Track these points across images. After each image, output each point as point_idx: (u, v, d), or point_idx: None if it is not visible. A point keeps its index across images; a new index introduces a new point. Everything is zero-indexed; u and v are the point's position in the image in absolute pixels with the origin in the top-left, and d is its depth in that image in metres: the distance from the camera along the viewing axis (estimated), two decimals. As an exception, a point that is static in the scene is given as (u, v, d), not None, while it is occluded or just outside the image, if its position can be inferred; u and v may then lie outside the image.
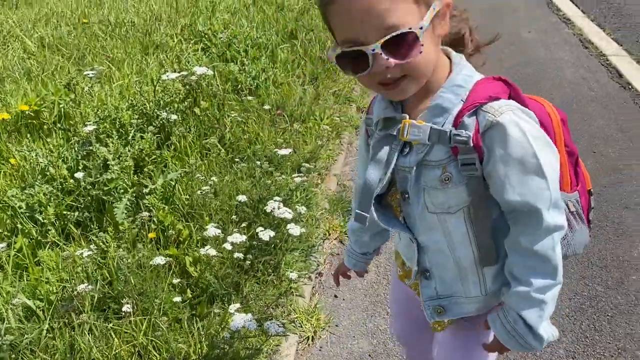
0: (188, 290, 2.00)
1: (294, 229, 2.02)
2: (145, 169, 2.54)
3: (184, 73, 2.94)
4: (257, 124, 3.10)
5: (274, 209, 1.99)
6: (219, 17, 4.41)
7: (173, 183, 2.41)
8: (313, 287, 2.27)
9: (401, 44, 0.87)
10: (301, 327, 2.04)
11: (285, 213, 2.04)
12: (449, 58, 0.99)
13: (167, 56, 3.80)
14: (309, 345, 2.00)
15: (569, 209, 1.08)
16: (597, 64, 4.51)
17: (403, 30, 0.86)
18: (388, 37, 0.85)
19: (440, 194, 0.97)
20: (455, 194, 0.96)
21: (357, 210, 1.04)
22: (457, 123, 0.92)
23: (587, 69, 4.39)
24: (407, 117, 0.97)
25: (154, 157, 2.66)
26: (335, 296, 2.24)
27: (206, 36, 4.10)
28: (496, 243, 1.02)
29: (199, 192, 2.27)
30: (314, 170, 2.91)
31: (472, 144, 0.91)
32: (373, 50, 0.86)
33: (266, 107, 3.10)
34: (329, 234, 2.55)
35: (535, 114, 0.97)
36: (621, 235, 2.47)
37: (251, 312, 1.95)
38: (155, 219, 2.30)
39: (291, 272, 2.01)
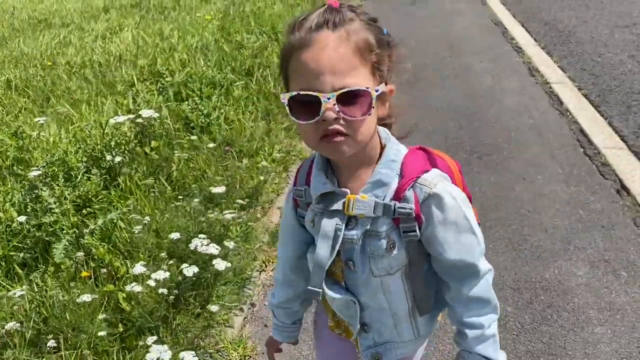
0: (120, 324, 2.14)
1: (219, 264, 2.17)
2: (89, 210, 2.69)
3: (131, 116, 3.12)
4: (204, 162, 3.26)
5: (197, 246, 2.14)
6: (177, 57, 4.60)
7: (114, 222, 2.56)
8: (245, 318, 2.40)
9: (355, 101, 0.94)
10: (227, 356, 2.17)
11: (212, 249, 2.19)
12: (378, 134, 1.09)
13: (123, 97, 3.97)
14: (233, 373, 2.14)
15: None
16: (541, 91, 4.74)
17: (360, 87, 0.94)
18: (346, 89, 0.92)
19: (385, 260, 1.07)
20: (397, 257, 1.07)
21: (310, 288, 1.10)
22: (400, 197, 1.02)
23: (530, 97, 4.61)
24: (349, 192, 1.04)
25: (100, 197, 2.82)
26: (266, 325, 2.38)
27: (163, 76, 4.29)
28: (429, 292, 1.16)
29: (134, 230, 2.42)
30: (257, 204, 3.08)
31: (413, 216, 1.03)
32: (328, 98, 0.92)
33: (211, 145, 3.27)
34: (266, 266, 2.70)
35: (442, 166, 1.11)
36: (537, 259, 2.64)
37: (179, 344, 2.09)
38: (95, 257, 2.45)
39: (214, 305, 2.15)
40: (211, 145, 3.26)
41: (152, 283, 2.01)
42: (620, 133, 3.87)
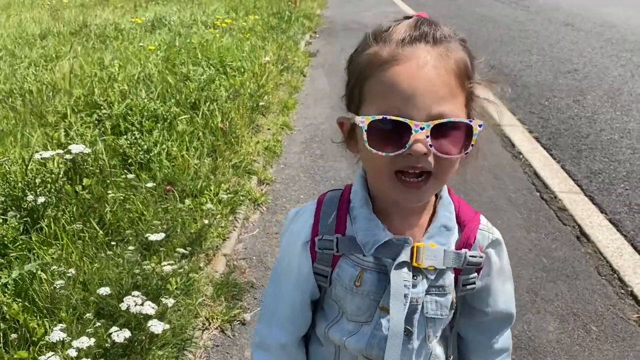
0: (32, 402, 1.78)
1: (156, 327, 1.86)
2: (2, 260, 2.32)
3: (60, 151, 2.79)
4: (142, 203, 2.94)
5: (129, 305, 1.83)
6: (117, 88, 4.29)
7: (33, 274, 2.21)
8: (184, 386, 2.09)
9: (451, 135, 0.79)
10: None
11: (147, 308, 1.88)
12: None
13: (54, 130, 3.61)
14: None
15: None
16: (492, 133, 4.71)
17: (463, 120, 0.78)
18: (445, 120, 0.76)
19: (444, 321, 0.92)
20: (450, 316, 0.93)
21: None
22: (470, 244, 0.89)
23: (482, 139, 4.56)
24: (412, 239, 0.87)
25: (18, 243, 2.45)
26: (208, 395, 2.08)
27: (101, 107, 3.95)
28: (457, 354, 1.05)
29: (56, 285, 2.08)
30: (200, 251, 2.78)
31: (480, 265, 0.90)
32: (422, 128, 0.75)
33: (150, 184, 2.96)
34: (209, 323, 2.40)
35: None
36: (504, 312, 2.47)
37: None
38: (7, 317, 2.08)
39: (147, 376, 1.84)
40: (150, 184, 2.95)
41: (73, 353, 1.68)
42: (574, 177, 3.86)
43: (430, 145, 0.77)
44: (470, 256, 0.88)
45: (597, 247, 2.99)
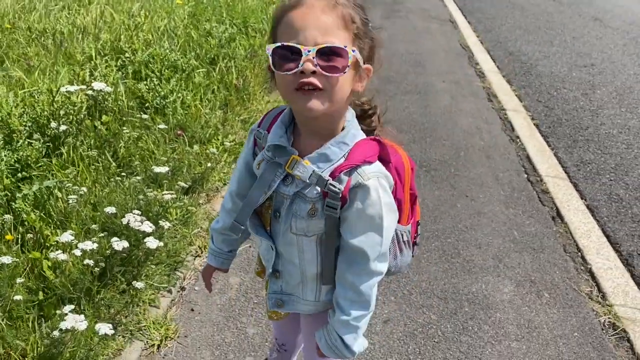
0: (41, 292, 2.09)
1: (151, 242, 2.15)
2: (25, 174, 2.62)
3: (83, 87, 3.06)
4: (154, 142, 3.22)
5: (129, 221, 2.11)
6: (142, 37, 4.54)
7: (50, 190, 2.50)
8: (172, 300, 2.38)
9: (333, 58, 1.02)
10: (149, 335, 2.15)
11: (145, 227, 2.16)
12: None
13: (80, 69, 3.89)
14: (153, 352, 2.11)
15: (403, 238, 1.33)
16: (496, 116, 4.88)
17: (339, 45, 1.02)
18: (325, 45, 1.01)
19: (304, 222, 1.18)
20: (316, 224, 1.18)
21: (234, 221, 1.23)
22: (335, 175, 1.11)
23: (484, 120, 4.75)
24: (297, 153, 1.14)
25: (40, 164, 2.74)
26: (192, 310, 2.37)
27: (125, 53, 4.21)
28: (335, 268, 1.25)
29: (69, 199, 2.37)
30: (202, 190, 3.06)
31: (340, 196, 1.12)
32: (309, 51, 1.00)
33: (162, 126, 3.23)
34: (202, 252, 2.68)
35: (396, 160, 1.23)
36: (467, 272, 2.72)
37: (100, 317, 2.06)
38: (26, 223, 2.39)
39: (139, 282, 2.13)
40: (162, 126, 3.22)
41: (77, 253, 1.98)
42: (564, 164, 4.03)
43: (317, 65, 1.01)
44: (330, 184, 1.11)
45: (569, 227, 3.20)
